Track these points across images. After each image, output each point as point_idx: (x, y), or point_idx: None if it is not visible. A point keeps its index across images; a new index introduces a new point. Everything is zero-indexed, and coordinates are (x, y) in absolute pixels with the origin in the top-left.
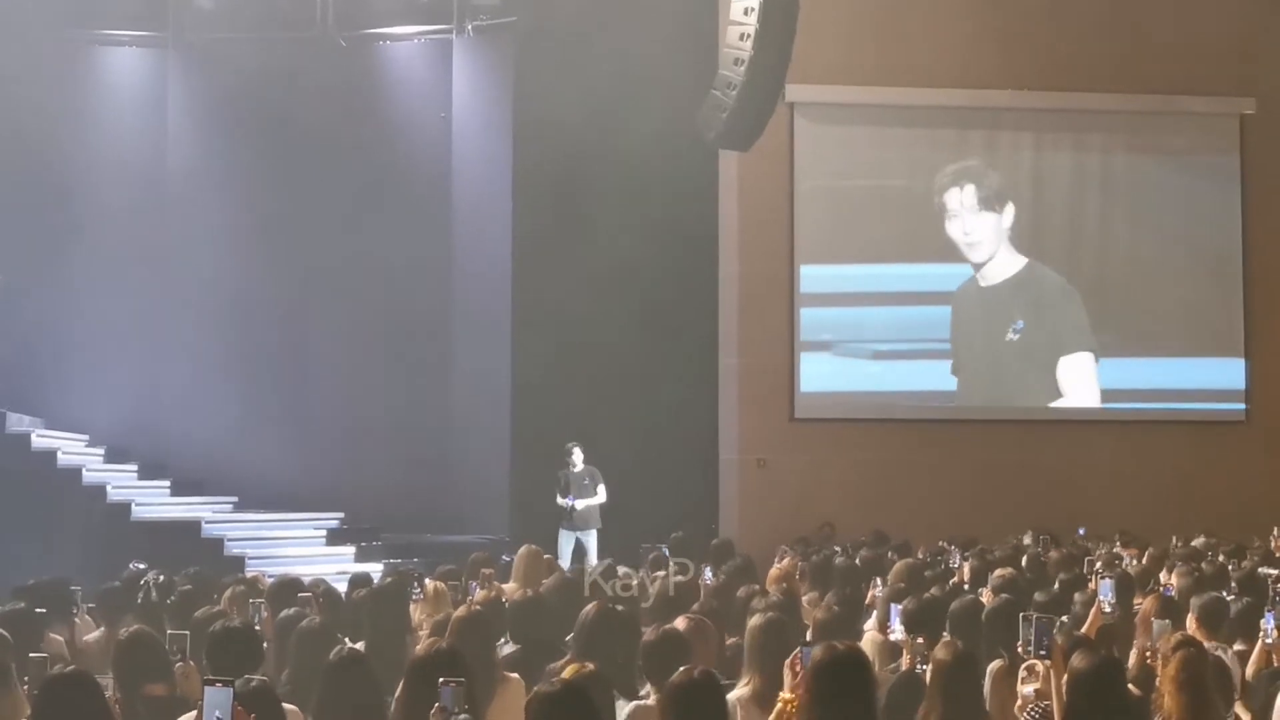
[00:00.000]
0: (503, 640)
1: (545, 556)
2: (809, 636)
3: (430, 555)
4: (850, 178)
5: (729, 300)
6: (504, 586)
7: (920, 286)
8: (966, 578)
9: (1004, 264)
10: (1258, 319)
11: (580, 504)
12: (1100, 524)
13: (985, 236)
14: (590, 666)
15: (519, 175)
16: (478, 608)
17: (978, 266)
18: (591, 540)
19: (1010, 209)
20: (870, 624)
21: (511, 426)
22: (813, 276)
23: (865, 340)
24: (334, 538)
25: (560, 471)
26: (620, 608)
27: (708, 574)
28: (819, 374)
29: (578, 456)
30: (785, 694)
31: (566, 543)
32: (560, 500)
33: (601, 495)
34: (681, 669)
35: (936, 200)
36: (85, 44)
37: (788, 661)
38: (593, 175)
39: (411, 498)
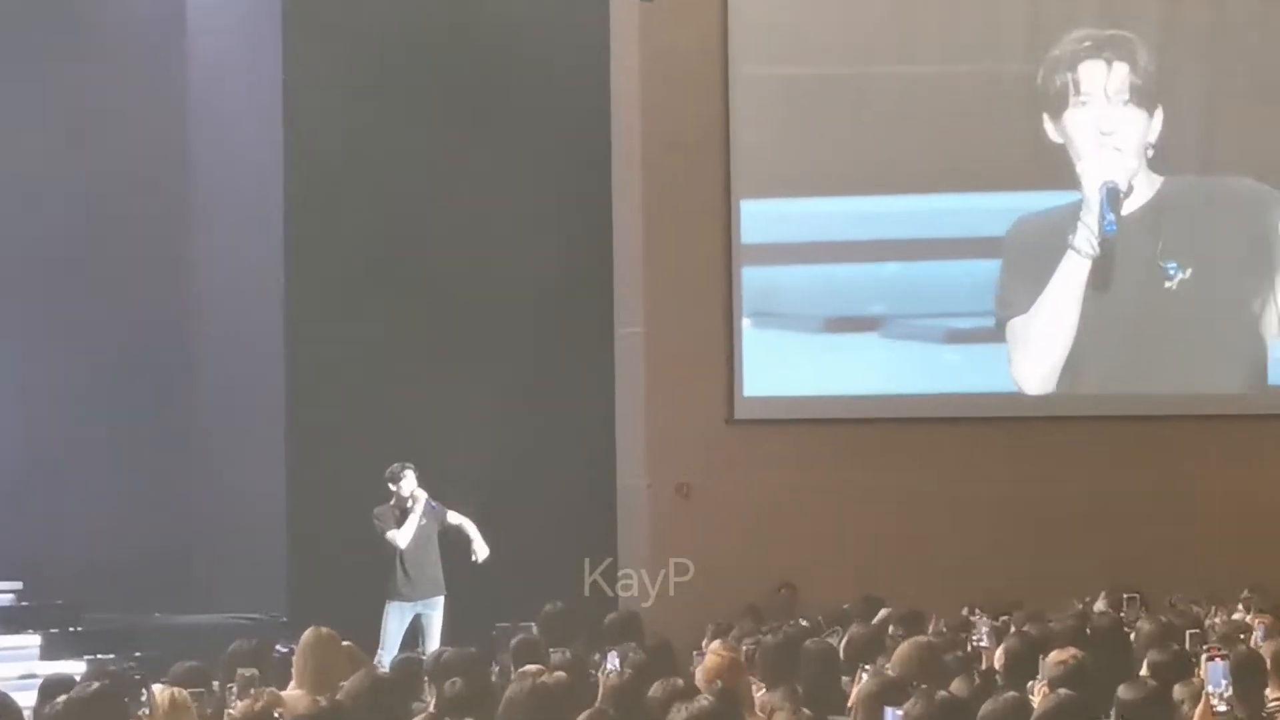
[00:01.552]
0: None
1: (345, 644)
2: None
3: (161, 647)
4: (820, 60)
5: (628, 245)
6: (282, 694)
7: (938, 229)
8: (1003, 664)
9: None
10: None
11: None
12: (1216, 579)
13: (1131, 142)
14: None
15: (293, 66)
16: None
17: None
18: (436, 616)
19: (1159, 113)
20: None
21: (286, 449)
22: (760, 216)
23: (837, 310)
24: (9, 620)
25: (386, 507)
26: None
27: (612, 662)
28: (772, 357)
29: (409, 483)
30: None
31: (397, 621)
32: (389, 535)
33: (480, 550)
34: None
35: (1056, 79)
36: None
37: None
38: (404, 53)
39: (131, 559)
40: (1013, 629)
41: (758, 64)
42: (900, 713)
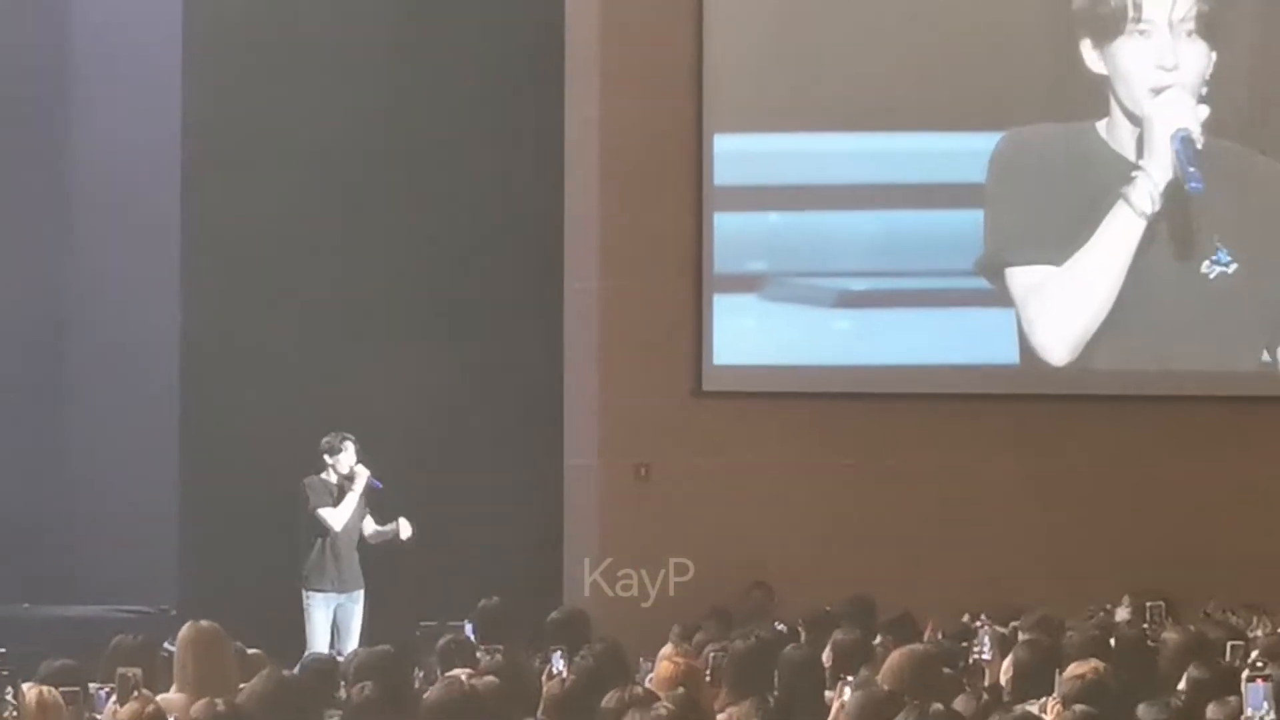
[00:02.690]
0: None
1: (236, 645)
2: None
3: (33, 641)
4: None
5: (582, 187)
6: (164, 697)
7: (942, 172)
8: (1010, 677)
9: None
10: None
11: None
12: (1255, 589)
13: (1192, 83)
14: None
15: None
16: None
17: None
18: (357, 610)
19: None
20: None
21: (180, 417)
22: (736, 154)
23: (830, 269)
24: None
25: (320, 479)
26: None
27: (558, 662)
28: (746, 323)
29: (349, 456)
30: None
31: (324, 615)
32: (321, 512)
33: (404, 527)
34: None
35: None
36: None
37: None
38: None
39: None
40: (1020, 637)
41: None
42: None
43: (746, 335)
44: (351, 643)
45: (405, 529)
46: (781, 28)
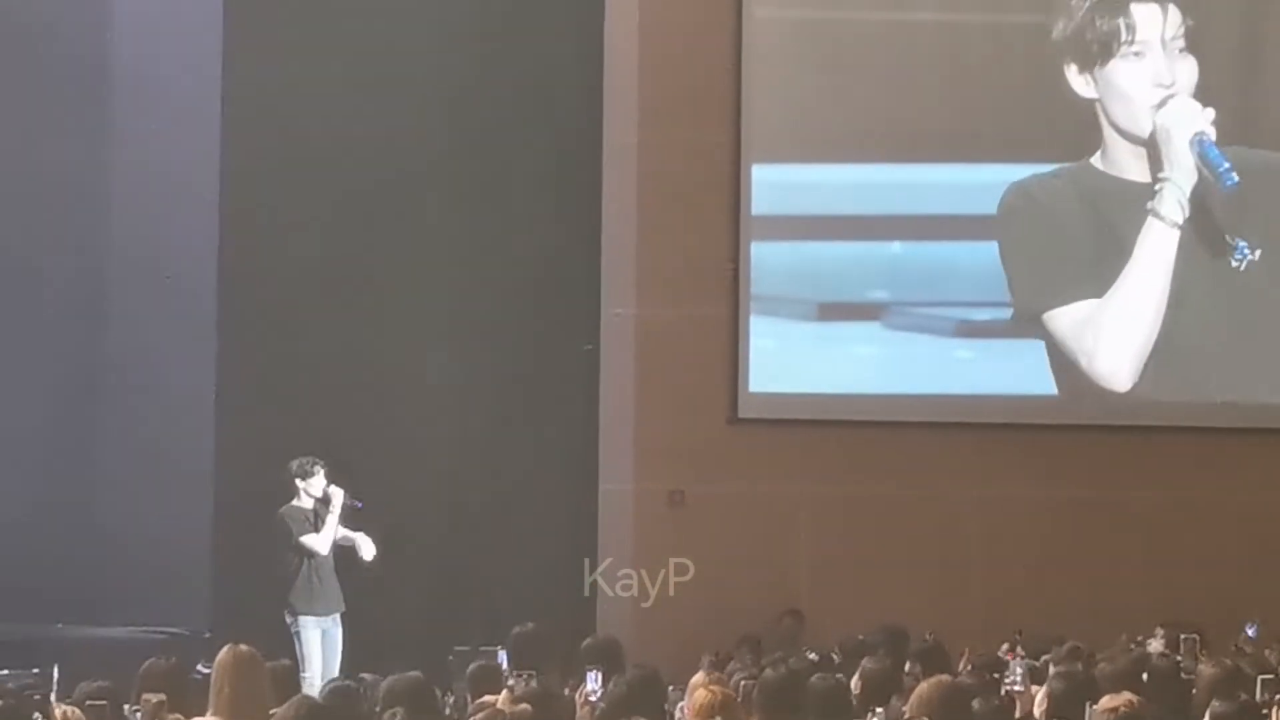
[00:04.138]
0: None
1: (270, 665)
2: None
3: (62, 662)
4: (847, 4)
5: (620, 213)
6: None
7: (981, 204)
8: (1041, 709)
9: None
10: None
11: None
12: None
13: (1188, 90)
14: None
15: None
16: None
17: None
18: (338, 633)
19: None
20: None
21: (215, 439)
22: (774, 184)
23: (865, 299)
24: None
25: (296, 507)
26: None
27: (592, 683)
28: (784, 348)
29: (320, 480)
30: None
31: (317, 638)
32: (303, 539)
33: (366, 546)
34: None
35: (1098, 24)
36: None
37: None
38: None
39: (32, 560)
40: (1052, 669)
41: (774, 5)
42: None
43: (782, 363)
44: (337, 663)
45: (369, 549)
46: (819, 62)
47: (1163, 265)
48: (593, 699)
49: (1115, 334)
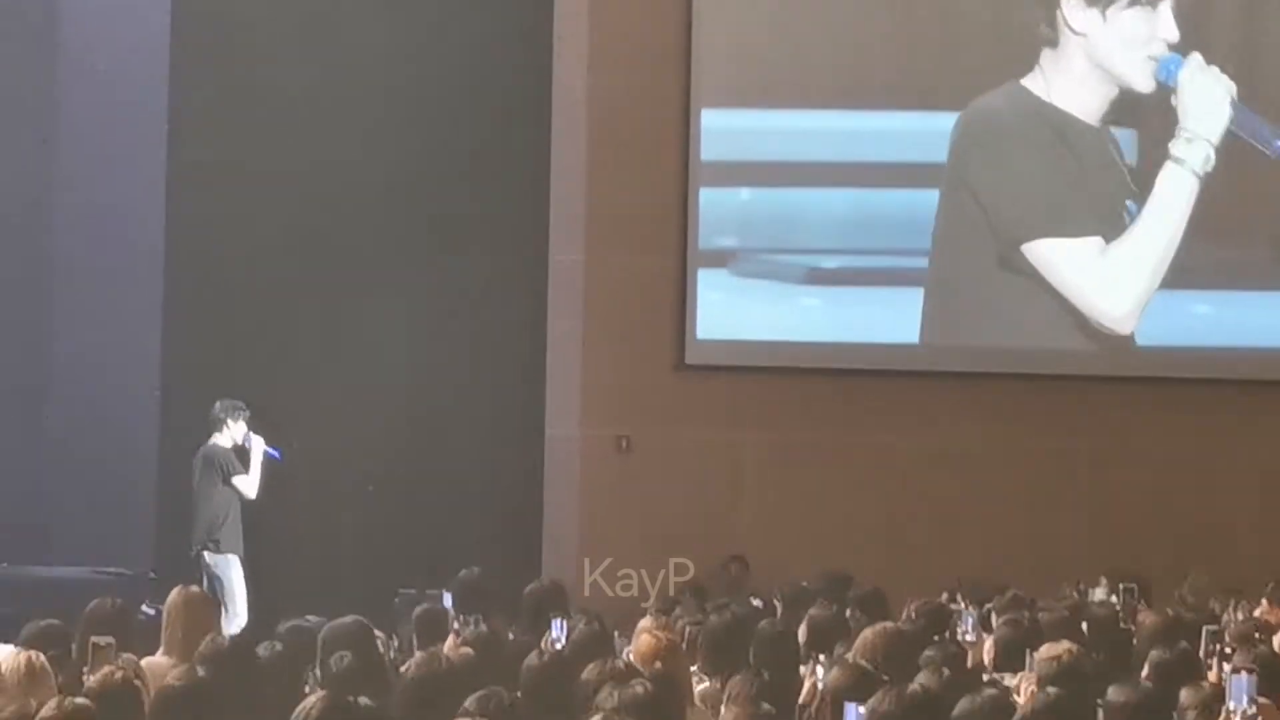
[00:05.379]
0: None
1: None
2: None
3: (10, 603)
4: None
5: (568, 160)
6: (150, 661)
7: (931, 151)
8: (989, 656)
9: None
10: None
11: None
12: (1234, 569)
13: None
14: None
15: None
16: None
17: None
18: (236, 574)
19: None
20: None
21: (161, 377)
22: (724, 130)
23: (813, 245)
24: None
25: (224, 449)
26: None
27: (558, 631)
28: (731, 295)
29: (240, 428)
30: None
31: (239, 573)
32: (235, 480)
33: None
34: None
35: None
36: None
37: None
38: None
39: None
40: (994, 617)
41: None
42: (864, 711)
43: (730, 310)
44: (239, 610)
45: (251, 488)
46: (773, 2)
47: (1179, 212)
48: (557, 643)
49: (1124, 276)
